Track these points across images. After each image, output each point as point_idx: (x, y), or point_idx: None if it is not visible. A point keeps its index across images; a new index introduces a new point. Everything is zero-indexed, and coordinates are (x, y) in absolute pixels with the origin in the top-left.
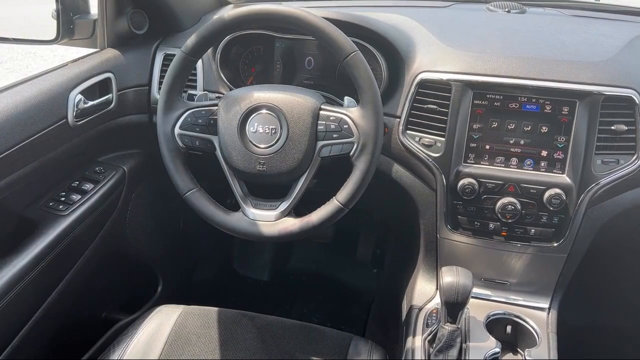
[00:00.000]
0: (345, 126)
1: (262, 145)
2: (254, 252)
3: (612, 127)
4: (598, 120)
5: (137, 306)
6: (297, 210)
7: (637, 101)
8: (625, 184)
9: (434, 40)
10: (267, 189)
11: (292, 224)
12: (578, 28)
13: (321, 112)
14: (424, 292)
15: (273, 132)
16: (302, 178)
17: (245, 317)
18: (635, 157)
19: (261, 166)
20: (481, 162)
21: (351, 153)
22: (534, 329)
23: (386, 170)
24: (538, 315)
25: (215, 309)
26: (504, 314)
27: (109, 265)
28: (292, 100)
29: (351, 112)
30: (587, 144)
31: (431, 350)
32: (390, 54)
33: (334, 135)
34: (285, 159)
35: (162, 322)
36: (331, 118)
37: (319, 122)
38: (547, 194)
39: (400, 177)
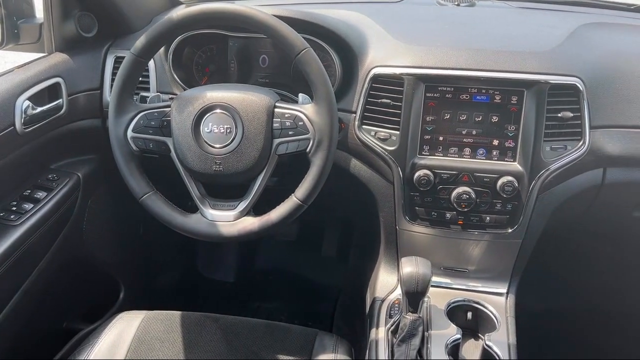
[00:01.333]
0: (300, 123)
1: (218, 145)
2: (218, 253)
3: (559, 115)
4: (545, 108)
5: (99, 314)
6: (257, 209)
7: (581, 88)
8: (574, 168)
9: (386, 35)
10: (226, 189)
11: (251, 223)
12: (525, 19)
13: (276, 109)
14: (386, 283)
15: (228, 131)
16: (260, 176)
17: (209, 319)
18: (581, 142)
19: (217, 166)
20: (436, 154)
21: (307, 149)
22: (493, 314)
23: (344, 165)
24: (497, 300)
25: (179, 312)
26: (464, 300)
27: (68, 274)
28: (246, 98)
29: (306, 109)
30: (535, 131)
31: (394, 340)
32: (343, 50)
33: (290, 133)
34: (241, 158)
35: (124, 329)
36: (286, 115)
37: (274, 119)
38: (500, 182)
39: (358, 172)
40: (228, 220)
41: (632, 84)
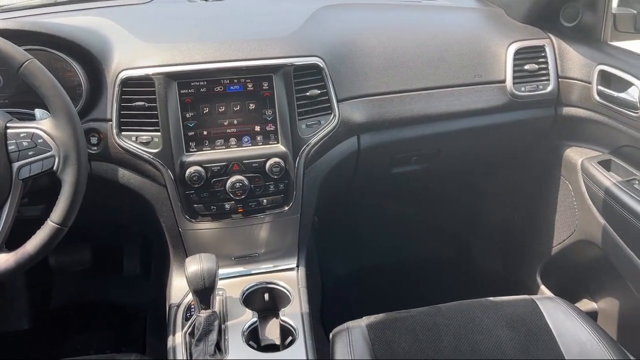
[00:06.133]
0: (39, 140)
1: None
2: (3, 301)
3: (308, 93)
4: (294, 89)
5: None
6: (14, 244)
7: (323, 66)
8: (331, 140)
9: (131, 37)
10: None
11: (5, 260)
12: (271, 8)
13: (8, 130)
14: (180, 288)
15: None
16: (5, 208)
17: None
18: (332, 116)
19: None
20: (203, 149)
21: (54, 168)
22: (286, 289)
23: (112, 177)
24: (289, 275)
25: None
26: (257, 284)
27: None
28: None
29: (43, 124)
30: (290, 112)
31: (192, 341)
32: (84, 57)
33: (30, 153)
34: None
35: None
36: (22, 135)
37: (9, 142)
38: (268, 165)
39: (128, 181)
40: None
41: (366, 57)
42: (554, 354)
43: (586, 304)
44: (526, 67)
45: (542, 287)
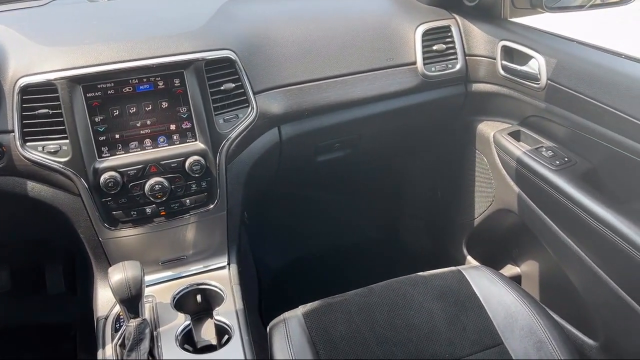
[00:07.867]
0: None
1: None
2: None
3: (222, 87)
4: (207, 84)
5: None
6: None
7: (235, 59)
8: (252, 134)
9: (27, 41)
10: None
11: None
12: (175, 4)
13: None
14: (106, 299)
15: None
16: None
17: None
18: (250, 109)
19: None
20: (117, 153)
21: None
22: (218, 288)
23: (21, 192)
24: (220, 274)
25: None
26: (188, 287)
27: None
28: None
29: None
30: (205, 108)
31: (124, 352)
32: None
33: None
34: None
35: None
36: None
37: None
38: (187, 163)
39: (39, 194)
40: None
41: (280, 47)
42: (482, 319)
43: (510, 270)
44: (434, 47)
45: (469, 257)
